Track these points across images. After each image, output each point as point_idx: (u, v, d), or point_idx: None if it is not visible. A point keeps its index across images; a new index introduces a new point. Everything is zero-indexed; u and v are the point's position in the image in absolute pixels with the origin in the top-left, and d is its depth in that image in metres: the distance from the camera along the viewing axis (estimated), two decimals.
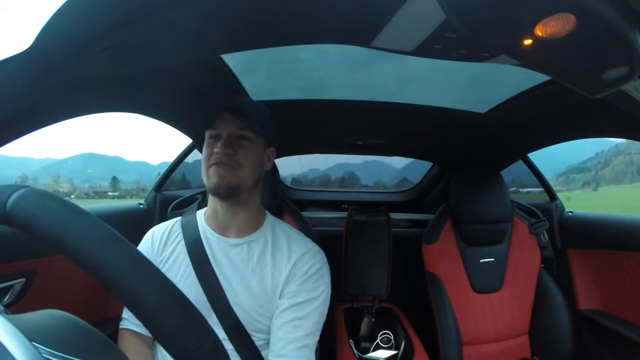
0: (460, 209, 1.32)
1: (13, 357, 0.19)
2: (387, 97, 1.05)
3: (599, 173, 66.85)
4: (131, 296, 0.25)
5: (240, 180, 0.69)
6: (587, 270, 1.34)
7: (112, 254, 0.25)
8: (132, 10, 0.44)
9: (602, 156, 69.81)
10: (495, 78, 0.92)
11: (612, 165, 65.77)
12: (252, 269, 0.70)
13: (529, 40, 0.43)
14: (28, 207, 0.26)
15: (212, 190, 0.70)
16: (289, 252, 0.72)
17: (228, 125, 0.70)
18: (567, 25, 0.39)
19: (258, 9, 0.48)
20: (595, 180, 65.12)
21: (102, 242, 0.25)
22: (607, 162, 67.08)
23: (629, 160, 64.65)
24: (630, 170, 65.48)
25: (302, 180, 2.45)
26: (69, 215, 0.26)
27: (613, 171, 64.35)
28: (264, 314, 0.69)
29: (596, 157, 70.72)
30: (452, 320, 1.20)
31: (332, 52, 0.83)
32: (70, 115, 0.69)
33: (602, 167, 67.20)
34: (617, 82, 0.49)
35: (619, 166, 65.23)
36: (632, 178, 63.21)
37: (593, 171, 68.02)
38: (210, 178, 0.68)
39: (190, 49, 0.59)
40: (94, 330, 0.28)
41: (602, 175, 65.72)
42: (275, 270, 0.71)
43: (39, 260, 0.79)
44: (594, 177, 66.38)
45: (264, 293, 0.69)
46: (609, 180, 63.16)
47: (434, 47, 0.52)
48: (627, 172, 65.09)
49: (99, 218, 0.27)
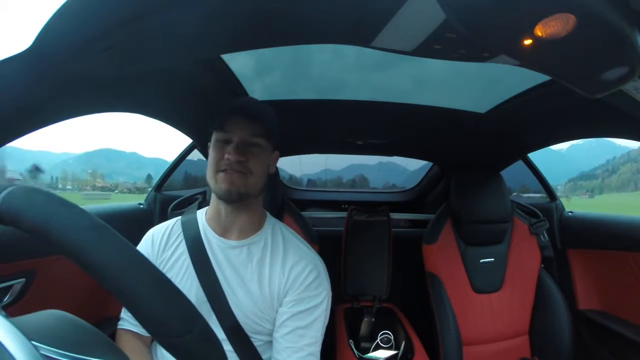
0: (460, 209, 1.32)
1: (12, 355, 0.19)
2: (387, 97, 1.05)
3: (605, 180, 66.82)
4: (115, 282, 0.25)
5: (249, 187, 0.69)
6: (587, 270, 1.34)
7: (95, 241, 0.25)
8: (132, 10, 0.44)
9: (611, 163, 69.83)
10: (495, 78, 0.92)
11: (619, 173, 65.72)
12: (251, 272, 0.70)
13: (529, 40, 0.43)
14: (14, 202, 0.26)
15: (221, 196, 0.69)
16: (284, 258, 0.72)
17: (241, 130, 0.68)
18: (567, 25, 0.39)
19: (258, 9, 0.48)
20: (600, 187, 65.05)
21: (86, 230, 0.25)
22: (615, 169, 67.08)
23: (635, 169, 64.62)
24: (635, 178, 65.42)
25: (316, 182, 2.45)
26: (53, 205, 0.26)
27: (619, 179, 64.30)
28: (263, 316, 0.69)
29: (607, 164, 70.76)
30: (452, 320, 1.20)
31: (332, 52, 0.83)
32: (70, 115, 0.69)
33: (609, 175, 67.19)
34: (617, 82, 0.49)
35: (625, 174, 65.18)
36: (635, 186, 63.14)
37: (600, 178, 68.00)
38: (220, 184, 0.67)
39: (190, 49, 0.59)
40: (91, 328, 0.28)
41: (608, 183, 65.68)
42: (272, 275, 0.70)
43: (38, 261, 0.79)
44: (600, 184, 66.33)
45: (262, 296, 0.69)
46: (613, 187, 63.09)
47: (434, 47, 0.52)
48: (631, 180, 65.06)
49: (83, 209, 0.27)
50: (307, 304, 0.69)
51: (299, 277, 0.70)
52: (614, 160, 68.57)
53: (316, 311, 0.69)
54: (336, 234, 1.48)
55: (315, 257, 0.75)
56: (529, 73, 0.53)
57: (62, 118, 0.66)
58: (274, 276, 0.70)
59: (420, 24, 0.48)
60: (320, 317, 0.70)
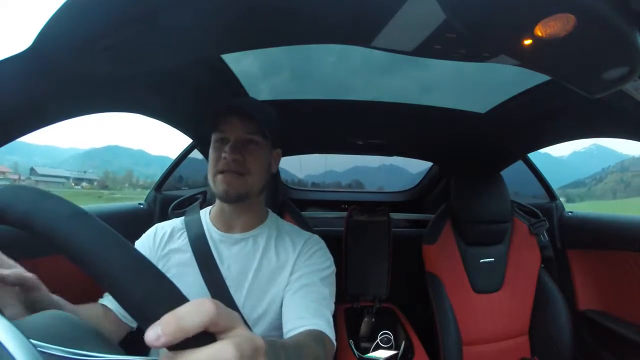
0: (460, 209, 1.32)
1: (11, 355, 0.19)
2: (388, 97, 1.05)
3: (592, 189, 67.01)
4: (96, 267, 0.24)
5: (248, 187, 0.69)
6: (587, 270, 1.34)
7: (76, 226, 0.25)
8: (132, 10, 0.44)
9: (605, 171, 70.02)
10: (495, 78, 0.92)
11: (605, 181, 65.88)
12: (258, 261, 0.70)
13: (529, 40, 0.43)
14: (0, 198, 0.27)
15: (220, 198, 0.70)
16: (293, 243, 0.73)
17: (236, 129, 0.68)
18: (567, 25, 0.39)
19: (258, 9, 0.48)
20: (586, 195, 65.16)
21: (67, 216, 0.26)
22: (603, 178, 67.28)
23: (620, 178, 64.81)
24: (618, 187, 65.59)
25: (320, 184, 2.46)
26: (36, 196, 0.27)
27: (603, 187, 64.45)
28: (270, 308, 0.68)
29: (601, 172, 70.91)
30: (452, 320, 1.20)
31: (333, 52, 0.83)
32: (70, 115, 0.69)
33: (596, 183, 67.41)
34: (617, 82, 0.49)
35: (609, 183, 65.39)
36: (614, 195, 63.26)
37: (588, 186, 68.18)
38: (218, 186, 0.68)
39: (190, 49, 0.59)
40: (82, 322, 0.29)
41: (594, 191, 65.86)
42: (279, 261, 0.70)
43: (38, 260, 0.79)
44: (587, 192, 66.46)
45: (269, 284, 0.69)
46: (598, 196, 63.19)
47: (434, 47, 0.52)
48: (615, 190, 65.28)
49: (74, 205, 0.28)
50: (313, 267, 0.69)
51: (307, 252, 0.71)
52: (608, 168, 68.78)
53: (322, 273, 0.69)
54: (336, 234, 1.48)
55: (318, 237, 0.76)
56: (529, 73, 0.53)
57: (62, 118, 0.66)
58: (282, 261, 0.70)
59: (420, 24, 0.48)
60: (327, 280, 0.69)
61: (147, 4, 0.44)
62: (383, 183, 2.57)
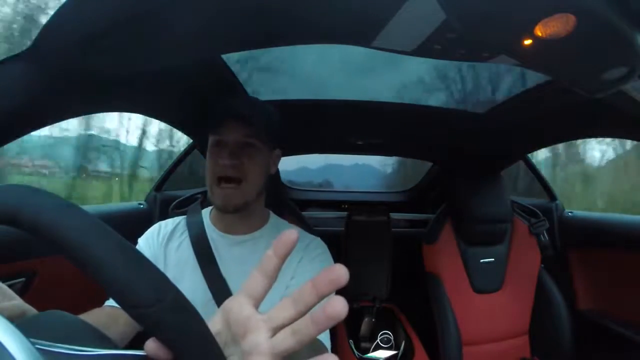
0: (460, 209, 1.32)
1: (10, 354, 0.19)
2: (387, 97, 1.05)
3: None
4: (80, 253, 0.24)
5: (246, 196, 0.68)
6: (587, 270, 1.34)
7: (62, 217, 0.25)
8: (132, 9, 0.44)
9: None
10: (495, 78, 0.92)
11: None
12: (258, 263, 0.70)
13: (529, 40, 0.43)
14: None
15: (218, 209, 0.69)
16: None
17: (233, 132, 0.67)
18: (567, 25, 0.39)
19: (258, 9, 0.48)
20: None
21: (53, 208, 0.26)
22: None
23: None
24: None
25: (322, 185, 2.46)
26: (24, 192, 0.26)
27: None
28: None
29: None
30: (452, 320, 1.20)
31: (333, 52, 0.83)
32: (70, 114, 0.69)
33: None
34: (617, 82, 0.49)
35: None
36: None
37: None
38: (216, 197, 0.67)
39: (190, 49, 0.59)
40: (78, 319, 0.29)
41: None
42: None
43: (38, 261, 0.79)
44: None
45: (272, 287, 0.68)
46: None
47: (434, 47, 0.52)
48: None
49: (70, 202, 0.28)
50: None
51: (307, 256, 0.70)
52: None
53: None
54: (336, 234, 1.48)
55: (320, 240, 0.75)
56: (529, 73, 0.54)
57: (62, 118, 0.66)
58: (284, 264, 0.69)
59: (420, 24, 0.48)
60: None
61: (147, 4, 0.44)
62: (354, 182, 2.56)
